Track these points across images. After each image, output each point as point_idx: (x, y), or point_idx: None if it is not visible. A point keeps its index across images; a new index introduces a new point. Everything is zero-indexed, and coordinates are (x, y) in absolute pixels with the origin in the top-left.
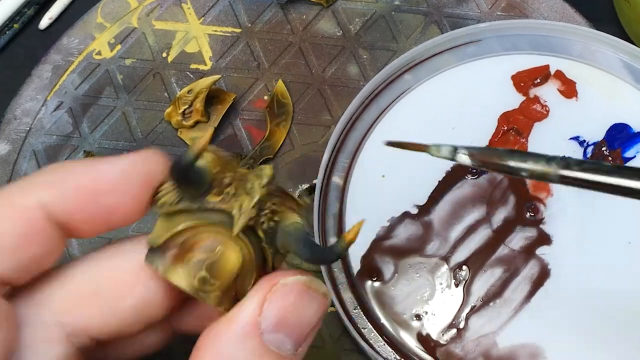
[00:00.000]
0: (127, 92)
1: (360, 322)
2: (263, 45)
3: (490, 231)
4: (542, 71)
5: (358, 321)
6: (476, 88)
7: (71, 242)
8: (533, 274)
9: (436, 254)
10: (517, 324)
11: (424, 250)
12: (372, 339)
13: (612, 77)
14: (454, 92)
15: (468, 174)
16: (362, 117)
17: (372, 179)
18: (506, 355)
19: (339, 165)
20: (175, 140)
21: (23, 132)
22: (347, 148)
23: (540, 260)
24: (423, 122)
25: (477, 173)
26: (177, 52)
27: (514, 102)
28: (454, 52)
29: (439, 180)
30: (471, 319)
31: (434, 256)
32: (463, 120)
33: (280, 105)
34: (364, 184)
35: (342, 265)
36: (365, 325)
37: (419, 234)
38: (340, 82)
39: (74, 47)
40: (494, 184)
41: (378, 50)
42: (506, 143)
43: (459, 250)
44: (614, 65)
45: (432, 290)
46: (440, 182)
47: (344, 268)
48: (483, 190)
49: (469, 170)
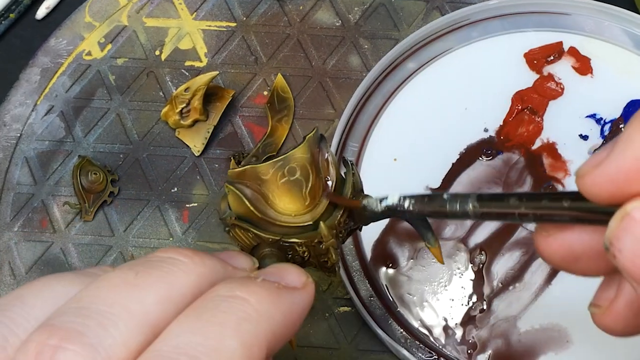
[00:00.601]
0: (121, 93)
1: (376, 311)
2: (260, 39)
3: None
4: (556, 48)
5: (374, 309)
6: (486, 68)
7: (70, 250)
8: None
9: (452, 237)
10: (539, 307)
11: (440, 234)
12: (389, 327)
13: (627, 53)
14: (462, 73)
15: (482, 155)
16: (368, 103)
17: (383, 163)
18: (528, 340)
19: (348, 150)
20: (173, 141)
21: (13, 138)
22: (356, 133)
23: None
24: (433, 105)
25: (492, 154)
26: (171, 49)
27: (527, 80)
28: (458, 33)
29: (453, 162)
30: (491, 303)
31: (450, 239)
32: (475, 101)
33: (281, 100)
34: (375, 167)
35: (356, 253)
36: (381, 314)
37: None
38: (342, 74)
39: (63, 48)
40: (509, 164)
41: (379, 39)
42: (521, 122)
43: (475, 233)
44: (629, 41)
45: (449, 275)
46: (454, 163)
47: (357, 255)
48: (498, 172)
49: (484, 151)
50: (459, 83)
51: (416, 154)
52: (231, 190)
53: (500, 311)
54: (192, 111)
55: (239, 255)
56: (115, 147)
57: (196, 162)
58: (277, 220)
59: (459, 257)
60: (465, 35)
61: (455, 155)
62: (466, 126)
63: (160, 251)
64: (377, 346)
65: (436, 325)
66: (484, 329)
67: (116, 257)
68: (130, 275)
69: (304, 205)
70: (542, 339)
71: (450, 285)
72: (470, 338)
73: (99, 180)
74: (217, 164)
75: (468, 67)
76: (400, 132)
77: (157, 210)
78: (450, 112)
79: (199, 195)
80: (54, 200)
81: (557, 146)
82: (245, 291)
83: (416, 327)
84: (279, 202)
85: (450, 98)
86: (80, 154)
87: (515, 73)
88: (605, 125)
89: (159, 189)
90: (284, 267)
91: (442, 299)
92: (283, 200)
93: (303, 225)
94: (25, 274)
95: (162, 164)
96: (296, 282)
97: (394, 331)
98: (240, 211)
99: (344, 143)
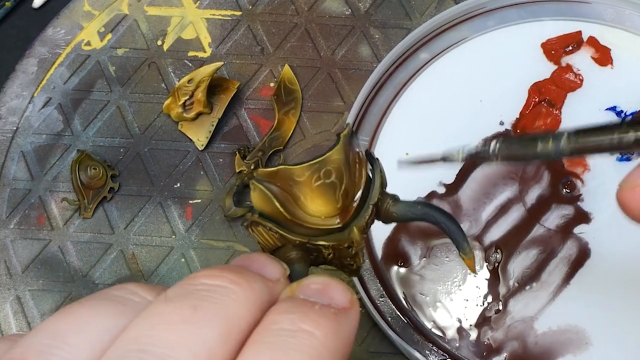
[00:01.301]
0: (121, 85)
1: (387, 311)
2: (266, 28)
3: (523, 210)
4: (574, 38)
5: (384, 310)
6: (502, 58)
7: (68, 249)
8: (571, 255)
9: (466, 234)
10: (556, 308)
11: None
12: (400, 328)
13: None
14: (477, 64)
15: None
16: (379, 96)
17: (394, 157)
18: (546, 342)
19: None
20: (176, 135)
21: (9, 132)
22: (366, 127)
23: (578, 239)
24: (446, 97)
25: None
26: (173, 39)
27: (545, 71)
28: (473, 22)
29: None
30: (507, 303)
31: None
32: (490, 93)
33: (288, 92)
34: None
35: (367, 251)
36: (392, 315)
37: None
38: (352, 65)
39: (61, 38)
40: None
41: (390, 28)
42: (538, 115)
43: (490, 231)
44: None
45: (463, 275)
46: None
47: (368, 253)
48: (514, 167)
49: None
50: (473, 74)
51: (429, 148)
52: (258, 189)
53: (517, 312)
54: (195, 104)
55: (269, 262)
56: (116, 141)
57: (200, 157)
58: (306, 222)
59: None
60: (480, 24)
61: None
62: (481, 119)
63: (203, 276)
64: (388, 348)
65: (450, 327)
66: (499, 331)
67: (116, 255)
68: (186, 310)
69: (335, 208)
70: (560, 341)
71: (464, 284)
72: (485, 340)
73: (98, 176)
74: (221, 159)
75: (483, 58)
76: (412, 125)
77: (159, 206)
78: (464, 104)
79: (203, 191)
80: (52, 197)
81: None
82: (310, 323)
83: (429, 329)
84: (311, 204)
85: (464, 90)
86: (79, 148)
87: (532, 64)
88: (626, 118)
89: (161, 185)
90: (329, 284)
91: (456, 299)
92: (316, 203)
93: (332, 227)
94: (22, 273)
95: (164, 159)
96: (344, 301)
97: (406, 333)
98: (265, 210)
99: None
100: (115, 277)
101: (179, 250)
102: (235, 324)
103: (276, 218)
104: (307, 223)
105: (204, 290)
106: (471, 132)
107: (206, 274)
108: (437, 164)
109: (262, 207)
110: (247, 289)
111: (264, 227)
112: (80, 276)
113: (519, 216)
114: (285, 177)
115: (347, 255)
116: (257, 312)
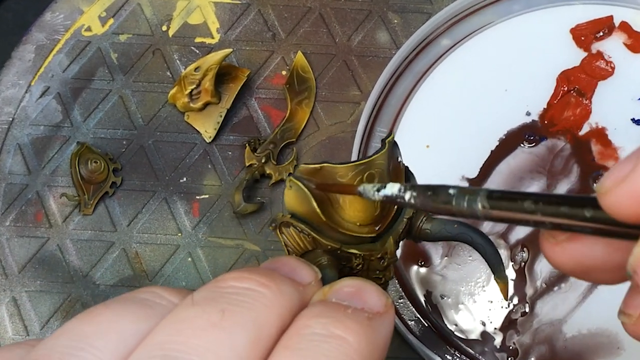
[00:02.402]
0: (124, 73)
1: (407, 314)
2: (278, 13)
3: None
4: (605, 23)
5: (403, 312)
6: (529, 45)
7: (67, 247)
8: None
9: (491, 232)
10: (586, 311)
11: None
12: (420, 332)
13: None
14: (502, 50)
15: (524, 142)
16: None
17: (414, 150)
18: (575, 346)
19: (376, 136)
20: (182, 126)
21: (5, 123)
22: (385, 116)
23: None
24: (469, 86)
25: (535, 140)
26: (179, 24)
27: (574, 58)
28: (498, 6)
29: (492, 149)
30: (534, 306)
31: (489, 235)
32: (516, 82)
33: (301, 80)
34: (406, 155)
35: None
36: (412, 317)
37: None
38: (369, 52)
39: (59, 23)
40: (554, 152)
41: (410, 13)
42: (567, 105)
43: (516, 228)
44: None
45: (487, 275)
46: (493, 151)
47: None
48: (542, 160)
49: (526, 137)
50: (498, 61)
51: (451, 140)
52: (295, 186)
53: (544, 314)
54: (202, 93)
55: (300, 266)
56: (118, 133)
57: (207, 150)
58: (340, 227)
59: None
60: (506, 8)
61: (494, 142)
62: (506, 109)
63: (231, 279)
64: (406, 353)
65: (473, 330)
66: (526, 334)
67: (119, 254)
68: (214, 315)
69: (372, 216)
70: (591, 345)
71: (488, 285)
72: (511, 344)
73: (99, 170)
74: (230, 152)
75: (509, 44)
76: (433, 116)
77: (164, 202)
78: (489, 93)
79: (211, 186)
80: (50, 192)
81: (607, 131)
82: (342, 328)
83: (451, 332)
84: (349, 208)
85: (489, 78)
86: (79, 140)
87: (560, 50)
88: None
89: (166, 179)
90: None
91: (479, 300)
92: (354, 208)
93: (366, 236)
94: (18, 273)
95: (170, 152)
96: (379, 305)
97: (427, 337)
98: (299, 211)
99: (371, 128)
100: (117, 278)
101: (186, 249)
102: (265, 330)
103: (309, 220)
104: (341, 228)
105: (232, 294)
106: (496, 124)
107: (235, 276)
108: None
109: (296, 207)
110: (277, 292)
111: (295, 229)
112: (80, 276)
113: None
114: (327, 175)
115: (377, 268)
116: (288, 317)
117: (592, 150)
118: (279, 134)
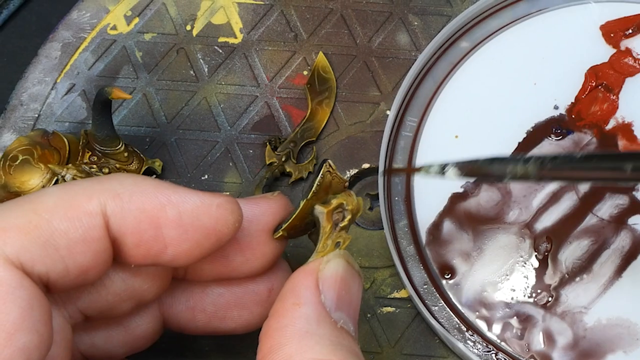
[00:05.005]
0: (148, 71)
1: (431, 300)
2: (300, 14)
3: (576, 199)
4: (635, 20)
5: (427, 298)
6: (559, 40)
7: None
8: (624, 246)
9: (516, 221)
10: (607, 301)
11: (503, 219)
12: (444, 318)
13: None
14: (532, 45)
15: (551, 135)
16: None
17: (444, 139)
18: (595, 336)
19: (406, 125)
20: (204, 124)
21: (31, 119)
22: (415, 107)
23: (632, 230)
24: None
25: (562, 134)
26: (203, 24)
27: (603, 55)
28: (529, 2)
29: (519, 141)
30: (556, 295)
31: (514, 224)
32: (545, 76)
33: (322, 80)
34: (435, 144)
35: (411, 236)
36: (436, 303)
37: (497, 201)
38: (389, 53)
39: (86, 21)
40: (580, 145)
41: (430, 15)
42: (594, 100)
43: (541, 219)
44: None
45: (511, 264)
46: (520, 143)
47: (413, 239)
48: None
49: (553, 130)
50: (528, 56)
51: (479, 131)
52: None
53: (567, 304)
54: None
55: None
56: (142, 130)
57: (229, 148)
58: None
59: (522, 245)
60: (544, 2)
61: (521, 134)
62: (534, 102)
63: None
64: (422, 350)
65: (496, 318)
66: (547, 323)
67: None
68: None
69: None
70: (610, 336)
71: (512, 274)
72: (533, 333)
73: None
74: (251, 150)
75: (539, 39)
76: (462, 107)
77: None
78: (517, 87)
79: (232, 183)
80: None
81: (633, 127)
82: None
83: (474, 319)
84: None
85: (518, 72)
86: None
87: (590, 47)
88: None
89: (187, 176)
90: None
91: (502, 288)
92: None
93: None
94: None
95: (192, 149)
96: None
97: (450, 322)
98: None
99: (401, 118)
100: None
101: None
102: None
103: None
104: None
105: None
106: (523, 116)
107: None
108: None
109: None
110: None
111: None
112: None
113: (571, 205)
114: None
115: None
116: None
117: (618, 144)
118: (299, 133)
